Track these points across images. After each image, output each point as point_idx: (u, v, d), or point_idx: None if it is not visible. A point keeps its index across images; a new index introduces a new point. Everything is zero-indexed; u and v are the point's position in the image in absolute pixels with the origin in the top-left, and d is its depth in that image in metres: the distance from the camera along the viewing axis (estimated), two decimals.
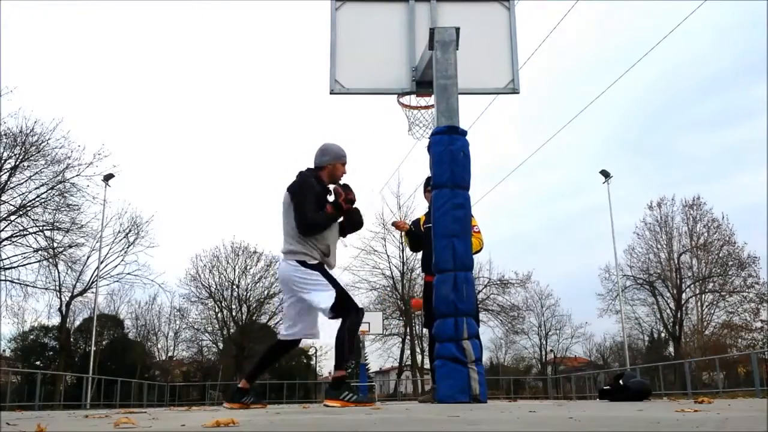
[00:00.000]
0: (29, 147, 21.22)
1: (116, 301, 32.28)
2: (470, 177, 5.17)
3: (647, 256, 29.92)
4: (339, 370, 4.11)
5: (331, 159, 4.32)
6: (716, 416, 2.15)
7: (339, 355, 4.11)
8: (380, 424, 2.03)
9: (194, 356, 34.67)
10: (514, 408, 3.44)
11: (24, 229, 21.95)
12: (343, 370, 4.10)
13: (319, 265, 4.12)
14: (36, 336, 31.62)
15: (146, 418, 2.78)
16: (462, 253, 4.88)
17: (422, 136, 6.33)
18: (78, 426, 2.29)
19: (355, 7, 6.31)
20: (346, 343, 4.10)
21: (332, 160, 4.31)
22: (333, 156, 4.33)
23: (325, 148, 4.36)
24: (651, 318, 30.96)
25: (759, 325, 27.80)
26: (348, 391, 4.03)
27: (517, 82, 6.22)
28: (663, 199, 29.89)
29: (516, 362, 38.19)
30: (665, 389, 19.15)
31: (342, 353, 4.08)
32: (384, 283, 30.20)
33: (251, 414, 3.14)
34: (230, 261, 32.21)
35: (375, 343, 31.03)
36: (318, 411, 3.51)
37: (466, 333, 4.72)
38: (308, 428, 1.94)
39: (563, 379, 29.70)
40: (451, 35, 5.38)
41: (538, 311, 34.75)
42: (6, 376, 23.47)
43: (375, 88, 6.20)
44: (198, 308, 32.55)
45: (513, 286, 30.97)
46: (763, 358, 22.08)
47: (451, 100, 5.29)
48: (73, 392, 23.64)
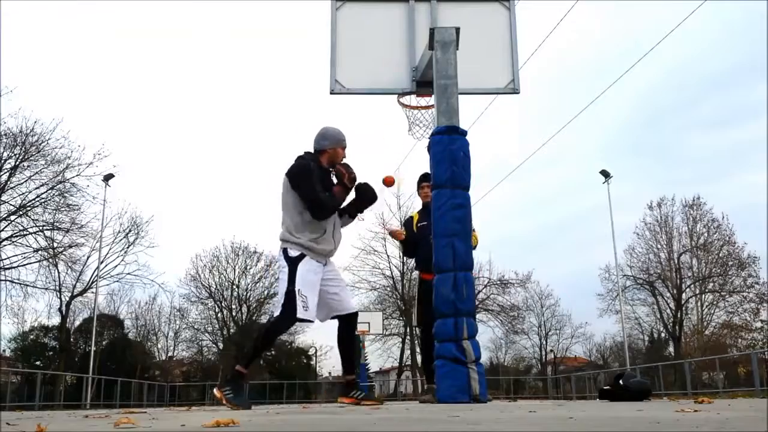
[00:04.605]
0: (29, 147, 21.20)
1: (116, 301, 32.32)
2: (470, 177, 5.17)
3: (647, 256, 29.95)
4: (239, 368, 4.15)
5: (331, 143, 4.28)
6: (716, 416, 2.15)
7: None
8: (380, 424, 2.03)
9: (194, 356, 34.70)
10: (514, 408, 3.44)
11: (24, 229, 21.95)
12: (244, 367, 4.10)
13: (298, 257, 4.08)
14: (36, 336, 31.59)
15: (146, 418, 2.78)
16: (462, 253, 4.88)
17: (422, 136, 6.32)
18: (78, 426, 2.29)
19: (355, 7, 6.31)
20: (254, 341, 4.26)
21: (332, 145, 4.28)
22: (333, 140, 4.28)
23: (325, 132, 4.31)
24: (651, 318, 30.99)
25: (759, 325, 27.82)
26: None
27: (517, 82, 6.22)
28: (663, 199, 29.92)
29: (516, 362, 38.21)
30: (665, 389, 19.15)
31: (253, 351, 4.23)
32: (384, 283, 30.20)
33: (251, 414, 3.14)
34: (230, 261, 32.26)
35: (375, 343, 31.02)
36: (318, 411, 3.51)
37: (466, 333, 4.72)
38: (308, 428, 1.94)
39: (563, 379, 29.70)
40: (451, 35, 5.38)
41: (538, 311, 34.80)
42: (6, 376, 23.44)
43: (375, 88, 6.19)
44: (198, 308, 32.61)
45: (513, 286, 30.98)
46: (763, 358, 22.09)
47: (451, 100, 5.29)
48: (73, 392, 23.64)
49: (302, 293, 4.02)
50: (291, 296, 4.01)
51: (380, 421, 2.14)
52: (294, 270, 4.05)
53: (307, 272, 4.07)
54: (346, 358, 4.36)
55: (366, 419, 2.29)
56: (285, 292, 4.04)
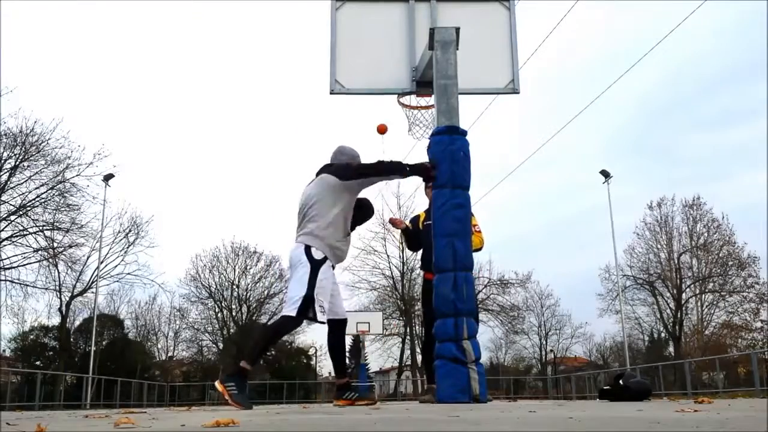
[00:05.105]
0: (29, 147, 21.20)
1: (116, 301, 32.31)
2: (470, 177, 5.16)
3: (647, 256, 29.94)
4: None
5: (348, 159, 4.54)
6: (716, 416, 2.15)
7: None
8: (380, 424, 2.03)
9: (194, 356, 34.68)
10: (514, 408, 3.44)
11: (24, 229, 21.94)
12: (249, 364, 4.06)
13: (322, 260, 4.12)
14: (36, 336, 31.59)
15: (146, 418, 2.78)
16: (462, 253, 4.88)
17: (422, 136, 6.32)
18: (78, 426, 2.29)
19: (355, 7, 6.31)
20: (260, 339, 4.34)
21: (349, 160, 4.53)
22: (349, 156, 4.58)
23: (343, 149, 4.64)
24: (651, 318, 31.00)
25: (759, 325, 27.81)
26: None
27: (517, 82, 6.22)
28: (663, 199, 29.92)
29: (516, 362, 38.20)
30: (665, 389, 19.14)
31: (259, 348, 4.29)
32: (384, 283, 30.20)
33: (251, 414, 3.14)
34: (230, 261, 32.25)
35: (375, 343, 31.02)
36: (318, 411, 3.51)
37: (466, 333, 4.72)
38: (308, 428, 1.94)
39: (563, 379, 29.69)
40: (451, 35, 5.38)
41: (538, 311, 34.80)
42: (6, 376, 23.44)
43: (375, 88, 6.19)
44: (198, 308, 32.60)
45: (513, 286, 30.98)
46: (763, 358, 22.08)
47: (451, 100, 5.29)
48: (73, 392, 23.64)
49: (318, 298, 4.07)
50: (309, 301, 4.03)
51: (380, 422, 2.14)
52: (316, 274, 4.08)
53: (325, 278, 4.14)
54: (338, 363, 4.48)
55: (366, 419, 2.29)
56: (303, 296, 4.02)
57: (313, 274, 4.06)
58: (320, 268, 4.10)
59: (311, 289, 4.02)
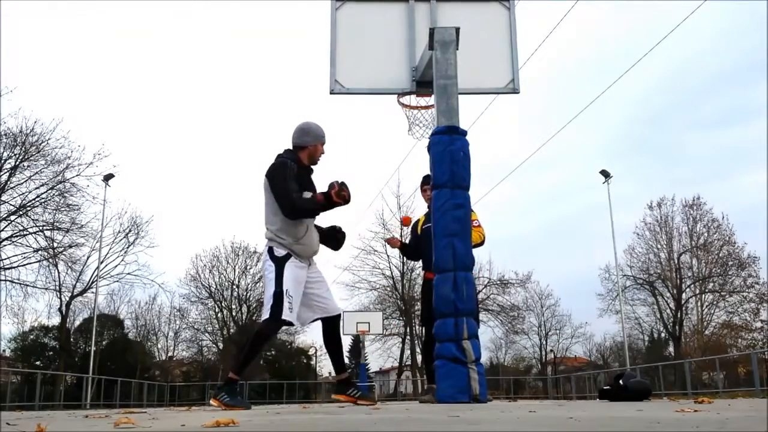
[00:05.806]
0: (29, 147, 21.22)
1: (116, 301, 32.33)
2: (470, 177, 5.17)
3: (647, 256, 29.97)
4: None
5: (312, 140, 4.25)
6: (716, 416, 2.15)
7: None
8: (380, 424, 2.03)
9: (194, 356, 34.70)
10: (514, 408, 3.43)
11: (24, 229, 21.97)
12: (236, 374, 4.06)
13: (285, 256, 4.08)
14: (36, 336, 31.60)
15: (146, 418, 2.78)
16: (462, 253, 4.88)
17: (422, 136, 6.32)
18: (78, 426, 2.29)
19: (355, 6, 6.31)
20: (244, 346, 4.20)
21: (313, 141, 4.25)
22: (314, 136, 4.25)
23: (307, 128, 4.27)
24: (651, 318, 31.02)
25: (759, 325, 27.84)
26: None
27: (517, 82, 6.22)
28: (663, 199, 29.95)
29: (516, 362, 38.20)
30: (665, 389, 19.15)
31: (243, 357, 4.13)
32: (384, 283, 30.19)
33: (251, 414, 3.14)
34: (230, 261, 32.26)
35: (375, 343, 31.04)
36: (318, 411, 3.51)
37: (466, 333, 4.72)
38: (308, 428, 1.94)
39: (563, 379, 29.69)
40: (451, 35, 5.38)
41: (538, 311, 34.80)
42: (6, 376, 23.45)
43: (375, 88, 6.19)
44: (198, 308, 32.62)
45: (513, 286, 30.98)
46: (763, 358, 22.09)
47: (451, 100, 5.29)
48: (73, 392, 23.64)
49: (289, 293, 4.02)
50: (279, 298, 3.99)
51: (381, 421, 2.14)
52: (281, 270, 4.05)
53: (294, 273, 4.08)
54: (337, 359, 4.43)
55: (366, 419, 2.29)
56: (273, 293, 4.00)
57: (279, 271, 4.04)
58: (284, 264, 4.06)
59: (279, 285, 4.01)
